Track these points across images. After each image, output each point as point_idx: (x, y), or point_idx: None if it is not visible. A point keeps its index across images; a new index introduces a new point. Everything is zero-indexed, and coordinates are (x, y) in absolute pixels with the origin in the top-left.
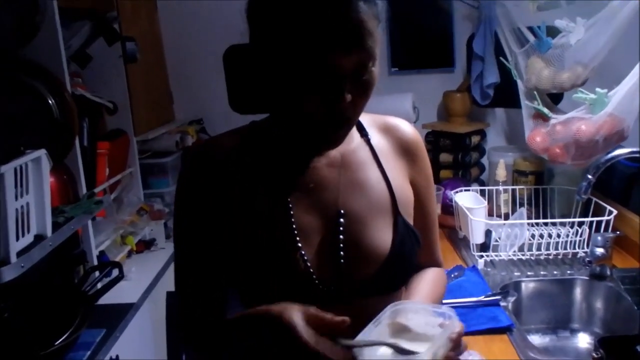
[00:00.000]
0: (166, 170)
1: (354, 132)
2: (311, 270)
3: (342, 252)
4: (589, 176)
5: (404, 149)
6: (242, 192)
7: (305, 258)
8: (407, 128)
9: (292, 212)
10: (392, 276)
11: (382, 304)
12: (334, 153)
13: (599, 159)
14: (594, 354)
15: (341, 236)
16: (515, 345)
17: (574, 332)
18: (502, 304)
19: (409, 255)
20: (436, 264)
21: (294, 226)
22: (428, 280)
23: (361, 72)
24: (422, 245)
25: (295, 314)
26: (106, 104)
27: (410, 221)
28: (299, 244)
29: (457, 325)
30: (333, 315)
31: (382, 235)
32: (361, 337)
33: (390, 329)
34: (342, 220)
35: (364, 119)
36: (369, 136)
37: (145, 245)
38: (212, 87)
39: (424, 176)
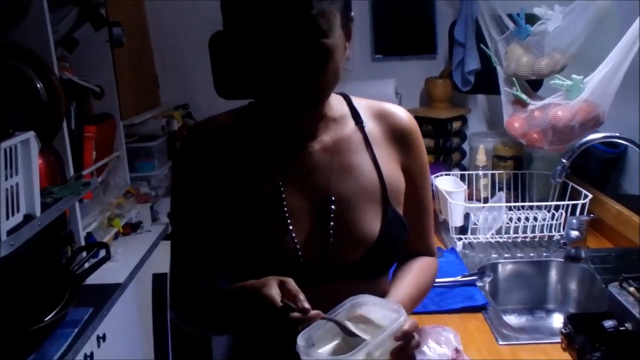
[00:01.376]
0: (152, 154)
1: (348, 118)
2: (300, 253)
3: (330, 237)
4: (564, 160)
5: (398, 137)
6: (235, 172)
7: (296, 240)
8: (402, 115)
9: (283, 195)
10: (377, 262)
11: (365, 288)
12: (327, 138)
13: (574, 143)
14: (562, 330)
15: (331, 222)
16: (489, 323)
17: (549, 312)
18: (479, 284)
19: (396, 243)
20: (428, 252)
21: (285, 209)
22: (415, 270)
23: (307, 43)
24: (414, 233)
25: (273, 286)
26: (93, 88)
27: (400, 209)
28: (290, 226)
29: (404, 323)
30: (304, 300)
31: (371, 222)
32: (312, 329)
33: (349, 321)
34: (332, 206)
35: (360, 105)
36: (364, 123)
37: (132, 227)
38: (198, 72)
39: (419, 164)
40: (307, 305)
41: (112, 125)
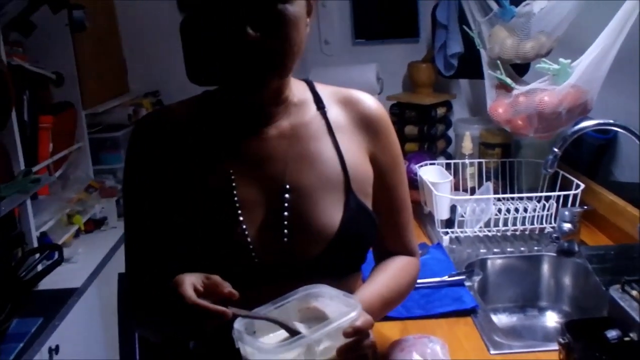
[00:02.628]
0: (118, 145)
1: (310, 104)
2: (251, 246)
3: (285, 230)
4: (555, 149)
5: (365, 124)
6: (188, 162)
7: (247, 233)
8: (370, 102)
9: (234, 184)
10: (340, 258)
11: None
12: (284, 125)
13: (565, 131)
14: (560, 339)
15: (285, 212)
16: (479, 328)
17: (541, 310)
18: (467, 283)
19: (361, 237)
20: (407, 251)
21: (236, 199)
22: (389, 270)
23: (268, 7)
24: (388, 230)
25: (187, 278)
26: (48, 75)
27: (367, 201)
28: (241, 218)
29: (357, 319)
30: (229, 286)
31: (330, 213)
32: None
33: (301, 313)
34: (287, 195)
35: (325, 91)
36: (326, 109)
37: (95, 224)
38: (169, 58)
39: (390, 154)
40: (229, 289)
41: (72, 115)
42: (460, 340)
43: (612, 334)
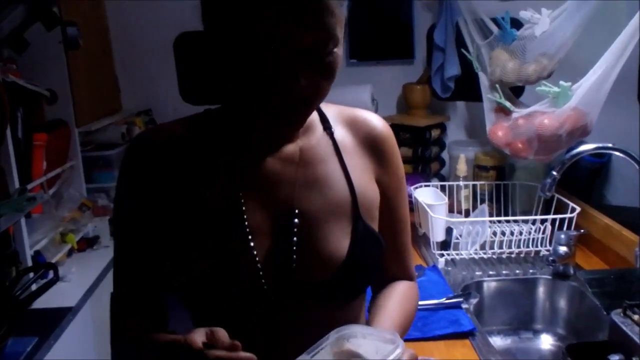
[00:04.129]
0: (111, 164)
1: (317, 125)
2: (261, 273)
3: (294, 255)
4: (554, 173)
5: (371, 145)
6: (186, 185)
7: (257, 259)
8: (376, 122)
9: (244, 209)
10: (348, 284)
11: (337, 313)
12: (292, 147)
13: (563, 154)
14: None
15: (295, 238)
16: (478, 351)
17: (536, 332)
18: (464, 306)
19: (369, 262)
20: (406, 275)
21: (246, 223)
22: (396, 297)
23: (321, 51)
24: (390, 255)
25: (198, 332)
26: (43, 92)
27: (374, 224)
28: (252, 244)
29: (403, 354)
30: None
31: (339, 239)
32: None
33: (336, 357)
34: (296, 220)
35: (329, 110)
36: (333, 129)
37: (88, 243)
38: (162, 76)
39: (394, 176)
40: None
41: (66, 133)
42: None
43: (615, 358)
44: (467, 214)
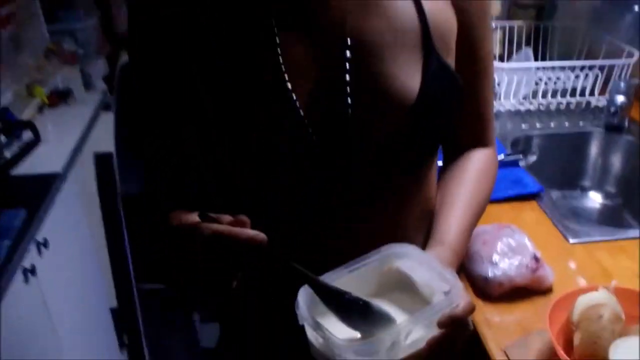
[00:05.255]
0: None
1: None
2: (305, 121)
3: (348, 98)
4: None
5: None
6: (210, 14)
7: (297, 105)
8: None
9: (277, 40)
10: (419, 135)
11: (405, 182)
12: None
13: None
14: None
15: (347, 75)
16: (550, 215)
17: (584, 190)
18: (522, 164)
19: (445, 107)
20: (485, 138)
21: (280, 59)
22: (471, 182)
23: None
24: (467, 106)
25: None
26: None
27: (450, 60)
28: (288, 85)
29: (460, 302)
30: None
31: (406, 76)
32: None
33: (381, 277)
34: (348, 52)
35: None
36: None
37: (60, 97)
38: None
39: (477, 4)
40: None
41: None
42: (532, 228)
43: None
44: (502, 60)
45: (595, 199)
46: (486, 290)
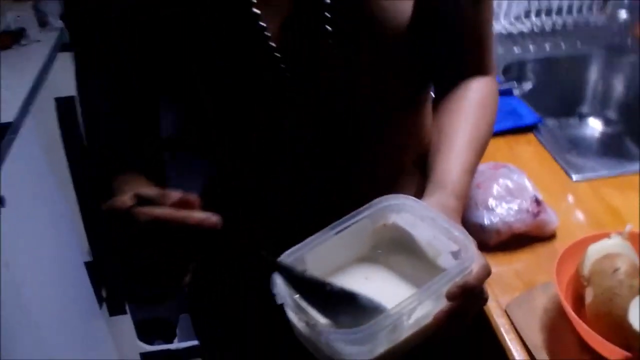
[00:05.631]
0: None
1: None
2: (275, 52)
3: (327, 24)
4: None
5: None
6: None
7: (266, 33)
8: None
9: None
10: (411, 64)
11: (394, 119)
12: None
13: None
14: None
15: None
16: (549, 149)
17: (583, 117)
18: (516, 92)
19: (439, 34)
20: (484, 64)
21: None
22: (472, 114)
23: None
24: (463, 28)
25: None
26: None
27: None
28: (255, 10)
29: (474, 266)
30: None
31: None
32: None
33: (376, 235)
34: None
35: None
36: None
37: (13, 38)
38: None
39: None
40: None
41: None
42: (530, 164)
43: None
44: None
45: (595, 127)
46: (482, 239)
